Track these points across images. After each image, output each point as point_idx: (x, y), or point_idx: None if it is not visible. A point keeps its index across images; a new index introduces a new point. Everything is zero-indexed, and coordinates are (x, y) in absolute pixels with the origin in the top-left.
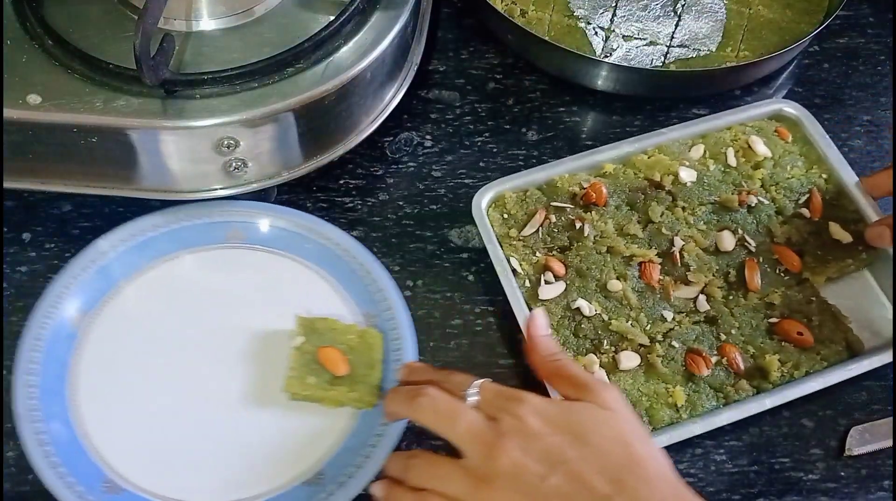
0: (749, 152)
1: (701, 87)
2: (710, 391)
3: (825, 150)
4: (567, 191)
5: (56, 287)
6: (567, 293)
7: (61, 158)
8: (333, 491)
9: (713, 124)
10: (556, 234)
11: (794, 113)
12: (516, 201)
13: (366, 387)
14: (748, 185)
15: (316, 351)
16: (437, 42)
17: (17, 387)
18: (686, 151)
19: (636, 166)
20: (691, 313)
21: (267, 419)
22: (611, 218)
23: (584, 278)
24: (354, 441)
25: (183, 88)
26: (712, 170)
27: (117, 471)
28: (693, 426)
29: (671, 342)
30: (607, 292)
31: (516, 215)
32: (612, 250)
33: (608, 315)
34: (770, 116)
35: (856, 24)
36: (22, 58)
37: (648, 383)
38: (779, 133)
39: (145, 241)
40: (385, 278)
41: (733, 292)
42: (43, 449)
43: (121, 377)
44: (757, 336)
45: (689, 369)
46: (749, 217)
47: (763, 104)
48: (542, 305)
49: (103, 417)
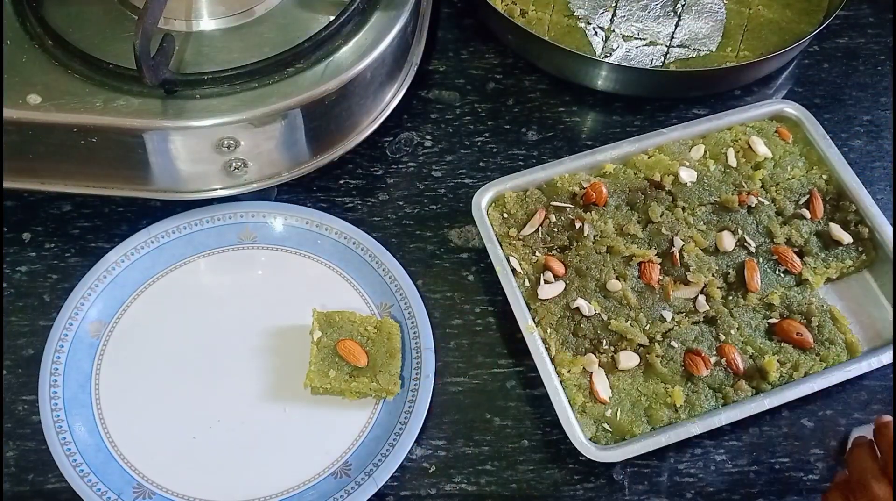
0: (749, 153)
1: (701, 87)
2: (710, 392)
3: (826, 150)
4: (567, 191)
5: (74, 299)
6: (566, 293)
7: (61, 158)
8: (363, 481)
9: (714, 125)
10: (555, 233)
11: (795, 114)
12: (516, 201)
13: (386, 377)
14: (748, 185)
15: (335, 344)
16: (437, 42)
17: (41, 400)
18: (686, 151)
19: (636, 166)
20: (691, 313)
21: (291, 414)
22: (611, 218)
23: (584, 278)
24: (379, 431)
25: (183, 88)
26: (712, 170)
27: (146, 476)
28: (692, 426)
29: (670, 342)
30: (607, 292)
31: (516, 214)
32: (611, 249)
33: (607, 315)
34: (771, 117)
35: (856, 24)
36: (22, 58)
37: (647, 383)
38: (779, 134)
39: (159, 247)
40: (398, 267)
41: (733, 293)
42: (71, 459)
43: (143, 382)
44: (756, 337)
45: (689, 369)
46: (749, 218)
47: (764, 105)
48: (542, 304)
49: (129, 423)
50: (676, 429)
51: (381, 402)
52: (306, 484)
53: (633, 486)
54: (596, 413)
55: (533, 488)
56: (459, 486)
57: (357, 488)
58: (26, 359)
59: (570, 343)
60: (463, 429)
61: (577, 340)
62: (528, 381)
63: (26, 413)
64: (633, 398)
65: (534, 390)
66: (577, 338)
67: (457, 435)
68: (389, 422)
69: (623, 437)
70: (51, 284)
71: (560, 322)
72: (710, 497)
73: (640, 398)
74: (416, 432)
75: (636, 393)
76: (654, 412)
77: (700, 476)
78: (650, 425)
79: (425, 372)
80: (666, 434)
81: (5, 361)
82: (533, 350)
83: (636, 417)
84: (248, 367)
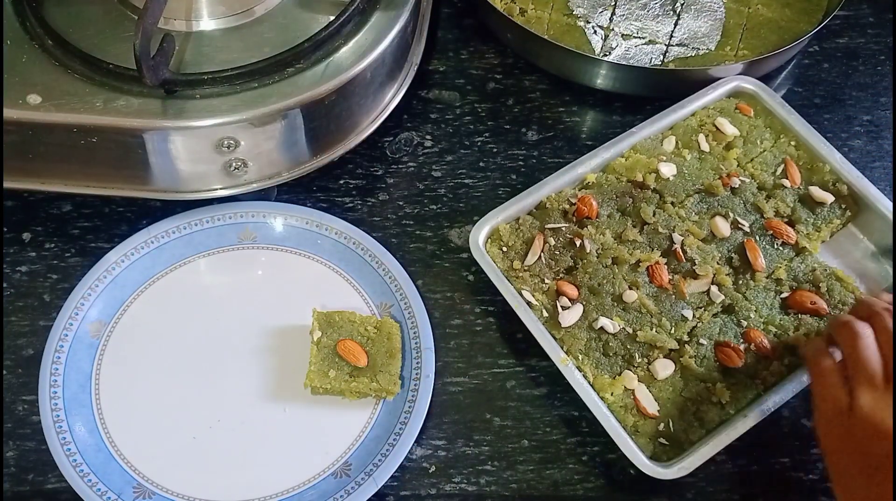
0: (719, 135)
1: (700, 86)
2: (748, 380)
3: (787, 118)
4: (558, 210)
5: (74, 299)
6: (586, 314)
7: (61, 158)
8: (363, 481)
9: (679, 114)
10: (558, 256)
11: (751, 87)
12: (511, 232)
13: (386, 377)
14: (725, 167)
15: (335, 344)
16: (437, 42)
17: (42, 400)
18: (659, 145)
19: (616, 171)
20: (708, 306)
21: (291, 414)
22: (607, 228)
23: (599, 295)
24: (379, 431)
25: (183, 88)
26: (689, 159)
27: (146, 476)
28: (745, 419)
29: (698, 340)
30: (625, 305)
31: (514, 245)
32: (617, 260)
33: (632, 327)
34: (729, 95)
35: (856, 24)
36: (22, 58)
37: (689, 386)
38: (740, 110)
39: (159, 247)
40: (398, 267)
41: (741, 276)
42: (71, 460)
43: (143, 382)
44: (775, 315)
45: (724, 363)
46: (735, 199)
47: (720, 85)
48: (567, 331)
49: (129, 423)
50: (733, 425)
51: (381, 402)
52: (306, 484)
53: (632, 486)
54: (649, 430)
55: (533, 488)
56: (459, 486)
57: (357, 488)
58: (26, 359)
59: (605, 365)
60: (463, 429)
61: (609, 360)
62: (528, 381)
63: (26, 413)
64: (679, 406)
65: (534, 390)
66: (609, 358)
67: (457, 435)
68: (389, 422)
69: (681, 447)
70: (51, 284)
71: (588, 346)
72: (710, 496)
73: (687, 404)
74: (415, 432)
75: (681, 400)
76: (703, 414)
77: (700, 475)
78: (703, 428)
79: (425, 372)
80: (726, 433)
81: (5, 361)
82: (572, 381)
83: (688, 424)
84: (248, 367)
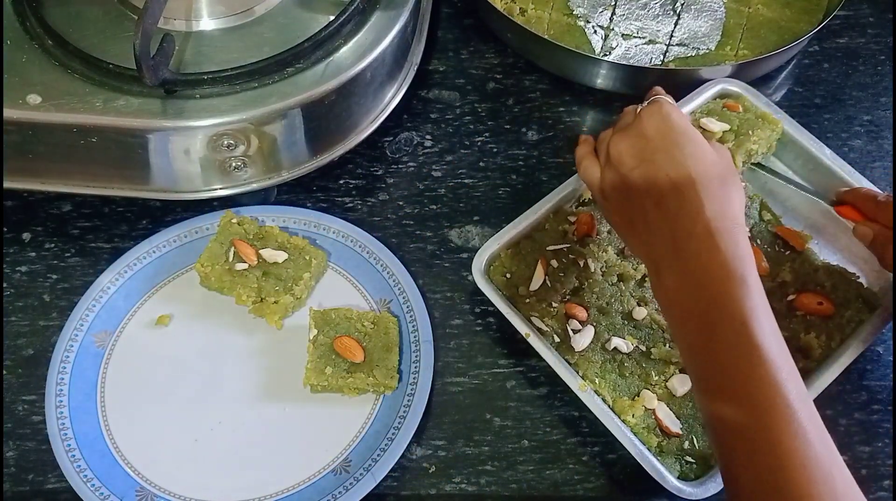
0: (707, 134)
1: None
2: None
3: (774, 115)
4: (557, 231)
5: (79, 311)
6: (598, 336)
7: (61, 158)
8: (361, 477)
9: None
10: (563, 278)
11: (736, 89)
12: (512, 258)
13: (384, 371)
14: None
15: (332, 342)
16: (437, 42)
17: (48, 409)
18: None
19: None
20: None
21: (291, 413)
22: (609, 244)
23: (609, 315)
24: (378, 426)
25: (183, 88)
26: None
27: (149, 479)
28: None
29: None
30: (636, 322)
31: (517, 271)
32: (622, 277)
33: (645, 345)
34: (715, 97)
35: (856, 24)
36: (22, 58)
37: None
38: (728, 108)
39: (161, 257)
40: (396, 263)
41: None
42: (75, 465)
43: (147, 388)
44: (783, 318)
45: None
46: None
47: (706, 88)
48: (581, 356)
49: (133, 428)
50: None
51: (382, 397)
52: (306, 482)
53: (633, 486)
54: (674, 449)
55: (533, 488)
56: (459, 486)
57: (355, 483)
58: (26, 359)
59: (622, 387)
60: (463, 429)
61: (626, 381)
62: (528, 381)
63: (26, 413)
64: (701, 421)
65: (534, 390)
66: (626, 379)
67: (457, 435)
68: (389, 417)
69: (707, 463)
70: (51, 284)
71: (604, 368)
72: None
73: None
74: (414, 426)
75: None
76: None
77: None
78: None
79: (424, 365)
80: None
81: (5, 361)
82: (593, 407)
83: None
84: (249, 368)
